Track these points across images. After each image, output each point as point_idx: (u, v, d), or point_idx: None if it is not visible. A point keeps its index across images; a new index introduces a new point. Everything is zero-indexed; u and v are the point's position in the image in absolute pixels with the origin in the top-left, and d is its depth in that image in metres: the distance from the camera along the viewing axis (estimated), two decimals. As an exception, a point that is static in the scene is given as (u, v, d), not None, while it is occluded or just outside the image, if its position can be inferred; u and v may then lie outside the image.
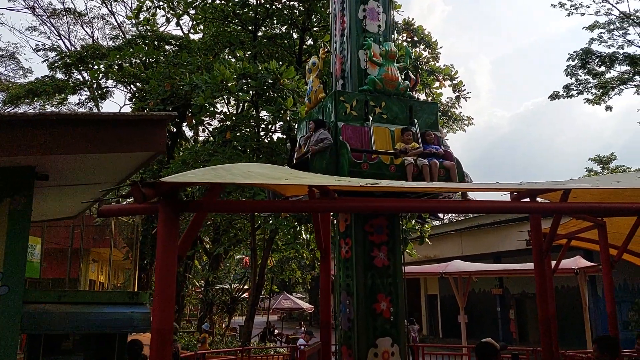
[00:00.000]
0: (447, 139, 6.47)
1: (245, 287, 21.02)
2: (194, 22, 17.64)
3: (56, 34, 26.66)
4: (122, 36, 23.85)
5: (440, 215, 6.75)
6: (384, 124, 5.98)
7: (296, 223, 12.98)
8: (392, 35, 8.20)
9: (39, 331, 5.02)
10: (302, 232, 14.36)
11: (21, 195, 4.59)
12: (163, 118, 4.24)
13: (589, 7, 22.16)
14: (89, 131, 4.26)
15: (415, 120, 6.14)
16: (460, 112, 17.70)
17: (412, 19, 15.93)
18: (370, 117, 5.90)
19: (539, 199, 4.57)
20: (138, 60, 16.51)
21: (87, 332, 5.22)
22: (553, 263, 7.76)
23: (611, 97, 20.83)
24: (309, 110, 6.70)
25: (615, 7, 20.90)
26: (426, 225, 14.11)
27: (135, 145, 4.50)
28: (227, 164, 5.03)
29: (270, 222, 11.80)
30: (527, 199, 4.43)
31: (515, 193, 4.54)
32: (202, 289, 21.81)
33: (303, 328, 21.88)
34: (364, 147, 5.67)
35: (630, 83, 20.09)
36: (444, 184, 5.25)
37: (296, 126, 11.56)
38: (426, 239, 14.15)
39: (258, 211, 12.10)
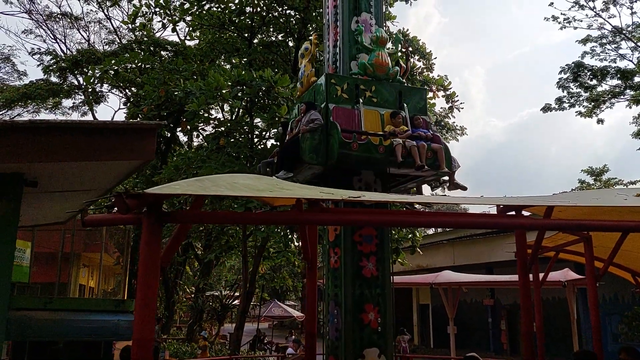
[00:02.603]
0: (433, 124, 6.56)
1: (236, 294, 20.95)
2: (190, 29, 17.66)
3: (52, 37, 26.56)
4: (119, 41, 23.84)
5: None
6: (374, 107, 6.06)
7: (288, 231, 12.99)
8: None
9: (24, 338, 4.98)
10: (294, 240, 14.37)
11: (9, 201, 4.57)
12: (152, 127, 4.27)
13: (581, 21, 22.41)
14: (78, 139, 4.28)
15: (405, 105, 6.23)
16: (454, 122, 17.94)
17: (407, 30, 16.11)
18: (361, 100, 5.98)
19: (524, 213, 4.62)
20: (133, 66, 16.52)
21: (72, 339, 5.19)
22: (541, 275, 7.81)
23: (602, 110, 21.05)
24: (301, 94, 6.80)
25: (607, 21, 21.16)
26: (417, 235, 14.17)
27: (125, 153, 4.53)
28: (214, 175, 5.05)
29: (262, 229, 11.80)
30: (513, 213, 4.48)
31: (501, 206, 4.59)
32: (193, 295, 21.71)
33: (293, 337, 21.79)
34: (354, 129, 5.74)
35: (622, 97, 20.28)
36: (431, 198, 5.30)
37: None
38: (417, 249, 14.20)
39: (242, 222, 12.10)
